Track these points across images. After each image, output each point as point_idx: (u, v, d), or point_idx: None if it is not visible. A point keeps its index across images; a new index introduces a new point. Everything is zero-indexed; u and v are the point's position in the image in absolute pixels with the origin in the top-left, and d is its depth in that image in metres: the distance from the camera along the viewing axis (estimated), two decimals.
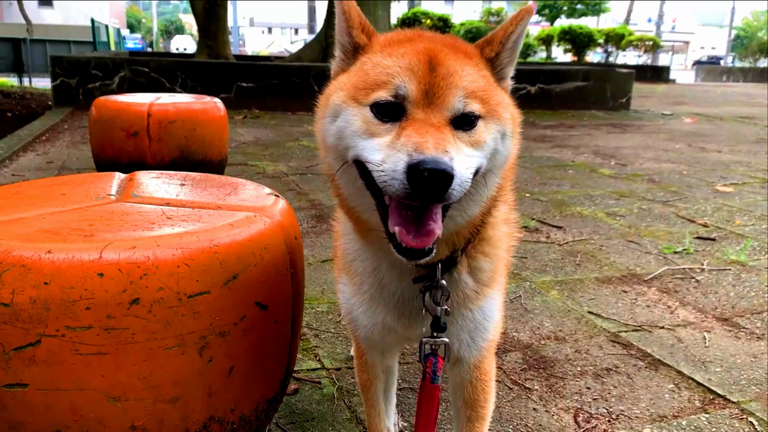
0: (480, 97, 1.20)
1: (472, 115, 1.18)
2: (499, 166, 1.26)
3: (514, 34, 1.30)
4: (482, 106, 1.20)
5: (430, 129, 1.12)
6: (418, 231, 1.13)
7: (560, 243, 4.08)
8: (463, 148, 1.15)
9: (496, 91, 1.27)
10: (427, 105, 1.17)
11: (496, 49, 1.31)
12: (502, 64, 1.33)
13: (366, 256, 1.46)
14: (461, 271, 1.39)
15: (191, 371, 1.37)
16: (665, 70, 29.32)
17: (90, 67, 10.46)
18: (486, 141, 1.20)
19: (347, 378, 2.36)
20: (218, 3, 16.07)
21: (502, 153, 1.25)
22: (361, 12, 1.43)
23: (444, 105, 1.17)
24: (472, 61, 1.27)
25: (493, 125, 1.22)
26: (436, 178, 1.03)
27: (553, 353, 2.61)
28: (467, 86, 1.19)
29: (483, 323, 1.46)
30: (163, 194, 1.74)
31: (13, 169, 5.96)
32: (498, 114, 1.23)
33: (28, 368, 1.27)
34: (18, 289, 1.24)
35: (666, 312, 3.05)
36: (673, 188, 5.85)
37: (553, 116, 11.79)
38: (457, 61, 1.22)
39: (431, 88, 1.17)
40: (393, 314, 1.46)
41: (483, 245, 1.41)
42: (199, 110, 4.56)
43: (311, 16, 41.77)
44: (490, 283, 1.44)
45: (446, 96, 1.17)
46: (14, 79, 20.08)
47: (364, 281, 1.48)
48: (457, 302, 1.42)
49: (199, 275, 1.35)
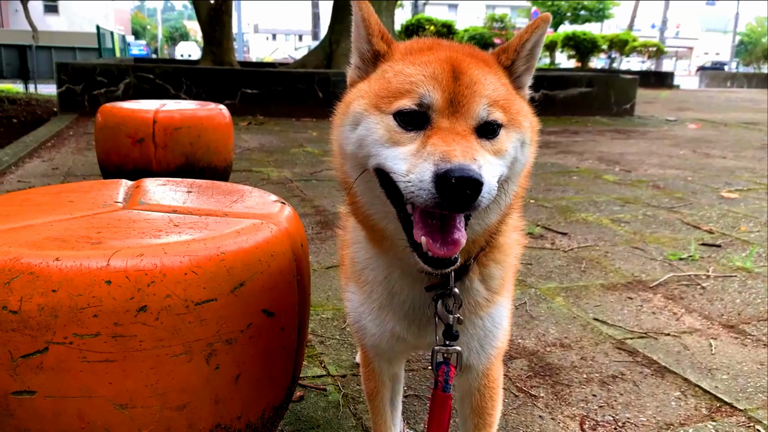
0: (502, 106, 1.21)
1: (495, 124, 1.19)
2: (517, 174, 1.27)
3: (529, 42, 1.31)
4: (504, 114, 1.20)
5: (457, 137, 1.12)
6: (444, 240, 1.13)
7: (565, 249, 4.08)
8: (488, 157, 1.15)
9: (516, 100, 1.28)
10: (452, 114, 1.16)
11: (512, 57, 1.32)
12: (518, 72, 1.34)
13: (377, 264, 1.45)
14: (473, 278, 1.40)
15: (198, 378, 1.37)
16: (669, 76, 29.35)
17: (95, 74, 10.51)
18: (508, 150, 1.20)
19: (352, 385, 2.36)
20: (223, 10, 16.15)
21: (521, 161, 1.26)
22: (379, 19, 1.44)
23: (469, 113, 1.17)
24: (491, 70, 1.27)
25: (514, 133, 1.23)
26: (465, 185, 1.03)
27: (559, 360, 2.61)
28: (490, 95, 1.19)
29: (493, 330, 1.46)
30: (170, 201, 1.74)
31: (19, 175, 5.98)
32: (519, 122, 1.24)
33: (35, 375, 1.28)
34: (26, 297, 1.25)
35: (672, 319, 3.04)
36: (678, 194, 5.84)
37: (557, 122, 11.79)
38: (479, 70, 1.23)
39: (456, 96, 1.17)
40: (403, 323, 1.46)
41: (494, 253, 1.41)
42: (205, 117, 4.57)
43: (315, 22, 41.90)
44: (500, 291, 1.45)
45: (470, 104, 1.17)
46: (20, 85, 20.16)
47: (374, 289, 1.48)
48: (468, 310, 1.42)
49: (206, 283, 1.35)
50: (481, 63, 1.26)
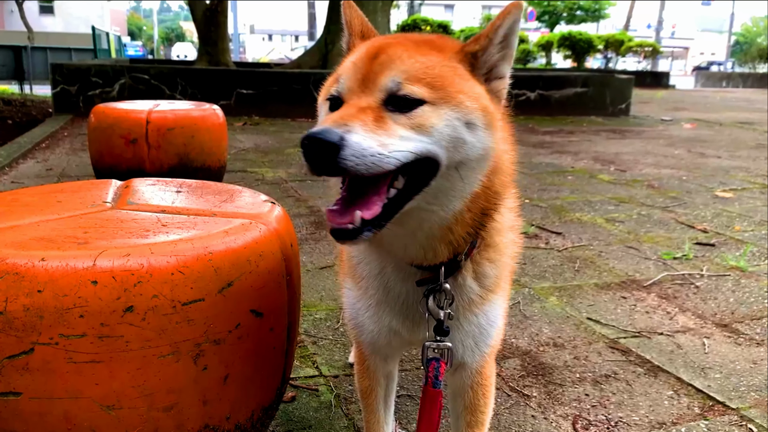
0: (427, 82, 1.20)
1: (409, 98, 1.18)
2: (474, 159, 1.22)
3: (501, 28, 1.27)
4: (429, 90, 1.19)
5: (351, 109, 1.16)
6: (342, 211, 1.16)
7: (559, 249, 4.08)
8: (397, 129, 1.15)
9: (461, 81, 1.24)
10: (362, 91, 1.21)
11: (482, 43, 1.29)
12: (490, 60, 1.30)
13: (371, 258, 1.46)
14: (466, 276, 1.39)
15: (186, 379, 1.37)
16: (665, 76, 29.41)
17: (90, 75, 10.49)
18: (434, 126, 1.17)
19: (345, 385, 2.35)
20: (219, 10, 16.14)
21: (474, 145, 1.21)
22: (365, 20, 1.47)
23: (376, 88, 1.19)
24: (436, 53, 1.26)
25: (447, 111, 1.19)
26: (314, 146, 1.07)
27: (552, 360, 2.60)
28: (407, 69, 1.20)
29: (487, 328, 1.46)
30: (159, 201, 1.73)
31: (13, 176, 5.96)
32: (456, 101, 1.21)
33: (21, 377, 1.27)
34: (11, 297, 1.24)
35: (665, 318, 3.04)
36: (672, 194, 5.85)
37: (552, 122, 11.80)
38: (406, 51, 1.23)
39: (368, 74, 1.21)
40: (398, 318, 1.46)
41: (489, 251, 1.40)
42: (198, 117, 4.56)
43: (311, 23, 41.88)
44: (495, 289, 1.44)
45: (379, 79, 1.20)
46: (15, 86, 20.11)
47: (370, 285, 1.48)
48: (462, 307, 1.42)
49: (194, 282, 1.35)
50: (424, 47, 1.26)
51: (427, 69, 1.21)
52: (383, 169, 1.11)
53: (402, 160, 1.14)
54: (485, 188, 1.27)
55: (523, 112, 12.40)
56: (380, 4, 13.41)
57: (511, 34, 1.29)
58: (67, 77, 10.41)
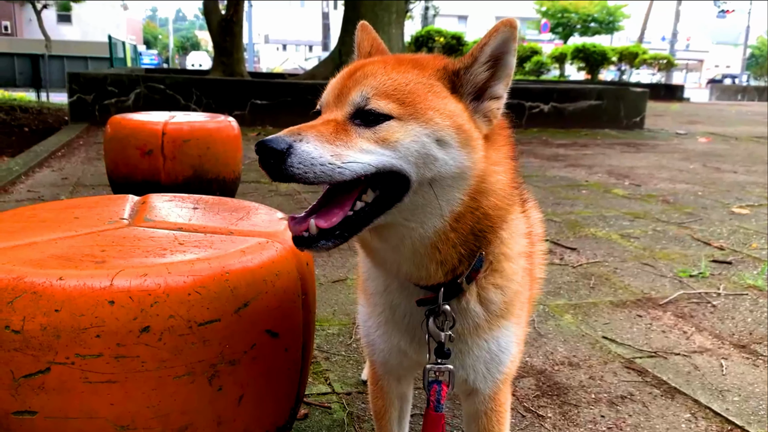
0: (396, 98, 1.20)
1: (375, 112, 1.19)
2: (448, 176, 1.21)
3: (487, 47, 1.25)
4: (398, 105, 1.20)
5: (316, 121, 1.22)
6: (300, 219, 1.20)
7: (574, 265, 4.05)
8: (360, 142, 1.17)
9: (434, 98, 1.23)
10: (335, 105, 1.25)
11: (465, 62, 1.27)
12: (475, 79, 1.27)
13: (377, 274, 1.45)
14: (470, 299, 1.37)
15: (201, 400, 1.36)
16: (679, 89, 29.27)
17: (106, 84, 10.58)
18: (399, 141, 1.18)
19: (358, 403, 2.34)
20: (234, 20, 16.27)
21: (446, 162, 1.20)
22: (377, 41, 1.47)
23: (346, 102, 1.23)
24: (415, 70, 1.26)
25: (415, 127, 1.19)
26: (263, 153, 1.12)
27: (567, 379, 2.58)
28: (377, 85, 1.22)
29: (499, 355, 1.43)
30: (176, 218, 1.73)
31: (29, 185, 6.01)
32: (426, 117, 1.20)
33: (37, 396, 1.26)
34: (29, 316, 1.24)
35: (682, 338, 3.00)
36: (688, 209, 5.80)
37: (566, 135, 11.77)
38: (382, 68, 1.25)
39: (342, 89, 1.25)
40: (406, 338, 1.45)
41: (495, 277, 1.38)
42: (213, 129, 4.58)
43: (325, 33, 42.12)
44: (506, 315, 1.41)
45: (349, 94, 1.23)
46: (32, 94, 20.34)
47: (378, 302, 1.48)
48: (468, 331, 1.40)
49: (210, 303, 1.34)
50: (403, 66, 1.27)
51: (399, 85, 1.22)
52: (335, 179, 1.14)
53: (359, 171, 1.16)
54: (471, 209, 1.25)
55: (537, 125, 12.38)
56: (394, 17, 13.45)
57: (505, 54, 1.26)
58: (83, 86, 10.51)
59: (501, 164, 1.29)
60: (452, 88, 1.27)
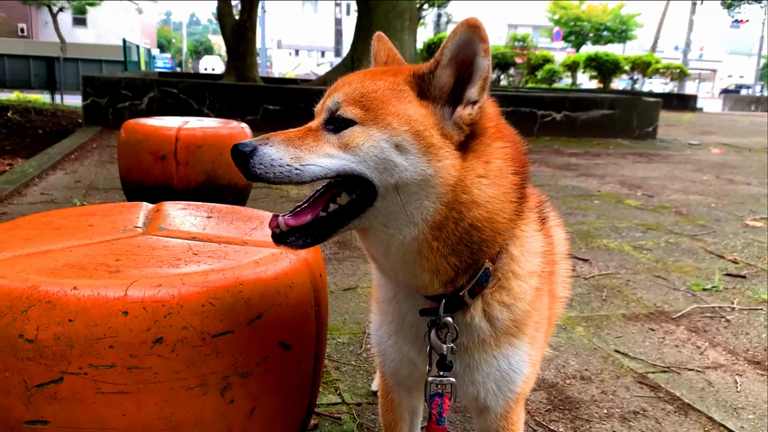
0: (362, 104, 1.23)
1: (341, 119, 1.24)
2: (411, 183, 1.20)
3: (447, 49, 1.22)
4: (362, 111, 1.22)
5: (291, 129, 1.28)
6: (274, 217, 1.28)
7: (586, 277, 4.02)
8: (325, 147, 1.23)
9: (397, 104, 1.23)
10: (319, 113, 1.31)
11: (430, 66, 1.26)
12: (440, 82, 1.25)
13: (385, 282, 1.44)
14: (474, 314, 1.35)
15: (213, 412, 1.35)
16: (692, 99, 29.13)
17: (120, 88, 10.65)
18: (359, 146, 1.21)
19: (368, 414, 2.32)
20: (247, 26, 16.33)
21: (406, 168, 1.20)
22: (393, 52, 1.47)
23: (323, 110, 1.29)
24: (389, 78, 1.28)
25: (375, 132, 1.21)
26: (233, 153, 1.21)
27: (579, 393, 2.55)
28: (348, 93, 1.26)
29: (510, 374, 1.41)
30: (190, 228, 1.73)
31: (42, 187, 6.05)
32: (385, 122, 1.21)
33: (49, 405, 1.26)
34: (42, 326, 1.24)
35: (695, 353, 2.97)
36: (701, 221, 5.76)
37: (578, 144, 11.73)
38: (359, 77, 1.30)
39: (326, 98, 1.31)
40: (414, 348, 1.44)
41: (502, 294, 1.35)
42: (226, 135, 4.59)
43: (338, 39, 42.24)
44: (517, 334, 1.39)
45: (325, 102, 1.29)
46: (47, 96, 20.50)
47: (387, 310, 1.47)
48: (474, 345, 1.38)
49: (224, 314, 1.34)
50: (380, 74, 1.30)
51: (368, 92, 1.25)
52: (293, 180, 1.21)
53: (318, 174, 1.21)
54: (454, 220, 1.23)
55: (549, 133, 12.35)
56: (407, 23, 13.46)
57: (474, 55, 1.21)
58: (97, 89, 10.58)
59: (490, 177, 1.24)
60: (419, 93, 1.26)
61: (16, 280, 1.29)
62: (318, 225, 1.26)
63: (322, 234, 1.27)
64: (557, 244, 1.61)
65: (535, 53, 36.52)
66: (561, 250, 1.66)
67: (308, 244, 1.27)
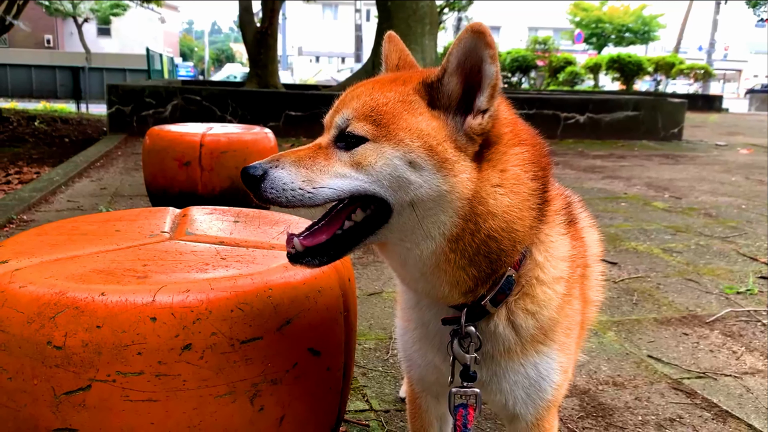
0: (373, 119, 1.18)
1: (353, 134, 1.18)
2: (428, 199, 1.16)
3: (452, 55, 1.17)
4: (373, 127, 1.17)
5: (301, 148, 1.24)
6: (290, 237, 1.23)
7: (615, 280, 3.94)
8: (336, 166, 1.18)
9: (409, 117, 1.18)
10: (328, 128, 1.26)
11: (438, 73, 1.20)
12: (448, 90, 1.20)
13: (408, 289, 1.41)
14: (498, 323, 1.31)
15: (242, 420, 1.33)
16: (717, 99, 28.67)
17: (144, 96, 10.75)
18: (371, 164, 1.16)
19: (396, 421, 2.29)
20: (269, 33, 16.43)
21: (420, 185, 1.15)
22: (405, 53, 1.43)
23: (333, 126, 1.24)
24: (398, 88, 1.22)
25: (388, 150, 1.16)
26: (243, 177, 1.18)
27: (612, 400, 2.49)
28: (358, 108, 1.20)
29: (539, 382, 1.37)
30: (217, 232, 1.71)
31: (69, 194, 6.10)
32: (397, 139, 1.16)
33: (77, 413, 1.24)
34: (71, 332, 1.22)
35: (731, 358, 2.89)
36: (731, 223, 5.63)
37: (602, 146, 11.59)
38: (369, 89, 1.24)
39: (334, 112, 1.26)
40: (439, 356, 1.41)
41: (526, 301, 1.31)
42: (250, 141, 4.59)
43: (358, 45, 42.35)
44: (544, 341, 1.35)
45: (334, 118, 1.24)
46: (72, 105, 20.82)
47: (411, 317, 1.45)
48: (500, 353, 1.35)
49: (253, 320, 1.31)
50: (390, 83, 1.25)
51: (377, 105, 1.19)
52: (306, 204, 1.17)
53: (331, 196, 1.18)
54: (470, 232, 1.19)
55: (573, 136, 12.23)
56: (428, 28, 13.42)
57: (481, 62, 1.16)
58: (122, 98, 10.69)
59: (506, 186, 1.20)
60: (430, 102, 1.21)
61: (43, 286, 1.27)
62: (334, 243, 1.22)
63: (338, 252, 1.23)
64: (590, 245, 1.56)
65: (556, 55, 36.24)
66: (594, 252, 1.61)
67: (324, 263, 1.24)
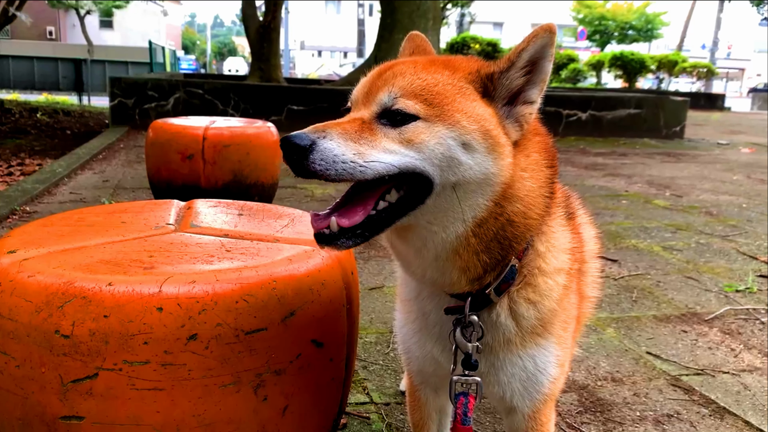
0: (424, 99, 1.19)
1: (402, 112, 1.18)
2: (473, 182, 1.18)
3: (525, 52, 1.21)
4: (425, 106, 1.18)
5: (343, 120, 1.21)
6: (322, 217, 1.19)
7: (615, 277, 3.96)
8: (384, 142, 1.17)
9: (463, 101, 1.20)
10: (363, 104, 1.24)
11: (501, 66, 1.24)
12: (510, 84, 1.24)
13: (409, 280, 1.43)
14: (500, 312, 1.33)
15: (246, 409, 1.35)
16: (720, 98, 28.66)
17: (146, 89, 10.76)
18: (424, 142, 1.16)
19: (396, 414, 2.31)
20: (272, 27, 16.43)
21: (471, 167, 1.18)
22: (425, 45, 1.46)
23: (374, 101, 1.22)
24: (447, 72, 1.24)
25: (441, 129, 1.17)
26: (287, 148, 1.12)
27: (611, 396, 2.51)
28: (405, 86, 1.20)
29: (536, 375, 1.39)
30: (222, 225, 1.73)
31: (71, 187, 6.12)
32: (453, 120, 1.18)
33: (84, 401, 1.26)
34: (78, 321, 1.24)
35: (729, 355, 2.91)
36: (732, 222, 5.65)
37: (604, 144, 11.60)
38: (412, 68, 1.24)
39: (371, 88, 1.24)
40: (438, 346, 1.43)
41: (528, 291, 1.33)
42: (253, 135, 4.60)
43: (360, 40, 42.32)
44: (543, 334, 1.37)
45: (378, 93, 1.22)
46: (74, 97, 20.81)
47: (411, 308, 1.46)
48: (499, 344, 1.36)
49: (258, 311, 1.33)
50: (435, 66, 1.25)
51: (428, 86, 1.20)
52: (356, 177, 1.14)
53: (381, 171, 1.15)
54: (495, 215, 1.22)
55: (575, 133, 12.23)
56: (431, 23, 13.42)
57: (542, 59, 1.23)
58: (124, 90, 10.70)
59: (529, 170, 1.25)
60: (483, 92, 1.24)
61: (51, 276, 1.29)
62: (367, 224, 1.19)
63: (370, 233, 1.19)
64: (587, 241, 1.58)
65: (559, 52, 36.18)
66: (591, 249, 1.62)
67: (356, 245, 1.19)
